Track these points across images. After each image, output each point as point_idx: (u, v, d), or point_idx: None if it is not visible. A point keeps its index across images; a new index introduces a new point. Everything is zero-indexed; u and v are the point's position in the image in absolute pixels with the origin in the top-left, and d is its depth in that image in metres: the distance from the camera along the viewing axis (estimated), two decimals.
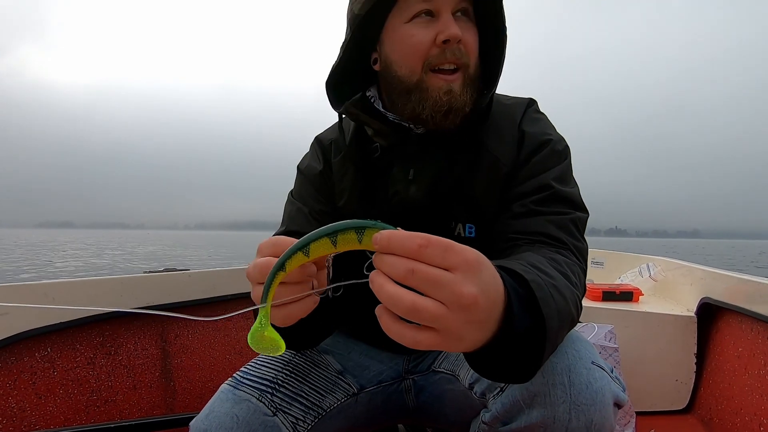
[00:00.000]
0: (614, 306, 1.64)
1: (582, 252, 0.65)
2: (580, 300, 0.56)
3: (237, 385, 0.69)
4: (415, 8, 0.67)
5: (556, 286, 0.48)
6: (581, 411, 0.52)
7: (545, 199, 0.67)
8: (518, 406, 0.55)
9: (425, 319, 0.36)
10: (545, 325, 0.43)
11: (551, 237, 0.64)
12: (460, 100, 0.68)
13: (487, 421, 0.60)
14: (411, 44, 0.67)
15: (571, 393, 0.53)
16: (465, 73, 0.68)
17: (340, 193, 0.80)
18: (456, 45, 0.66)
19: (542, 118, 0.76)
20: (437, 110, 0.68)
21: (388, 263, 0.37)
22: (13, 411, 1.02)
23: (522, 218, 0.67)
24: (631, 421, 1.35)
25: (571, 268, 0.58)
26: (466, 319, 0.37)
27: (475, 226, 0.73)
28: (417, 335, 0.37)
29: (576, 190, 0.70)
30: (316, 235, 0.41)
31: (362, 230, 0.39)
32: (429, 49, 0.67)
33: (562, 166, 0.70)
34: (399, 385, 0.82)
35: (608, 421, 0.54)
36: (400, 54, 0.69)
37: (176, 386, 1.36)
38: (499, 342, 0.41)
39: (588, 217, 0.69)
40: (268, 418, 0.67)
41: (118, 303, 1.23)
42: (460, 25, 0.67)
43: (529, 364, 0.45)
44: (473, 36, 0.69)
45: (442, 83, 0.67)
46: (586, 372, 0.54)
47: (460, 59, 0.67)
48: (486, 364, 0.45)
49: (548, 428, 0.53)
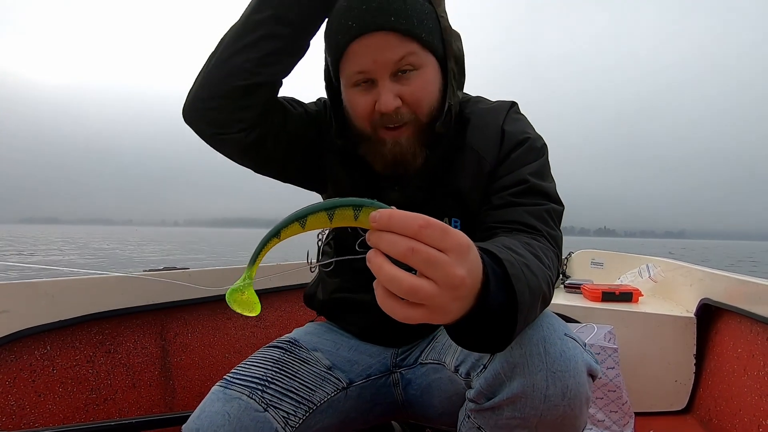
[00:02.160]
0: (614, 307, 1.64)
1: (556, 239, 0.69)
2: (552, 280, 0.59)
3: (227, 385, 0.71)
4: (354, 78, 0.70)
5: (528, 264, 0.51)
6: (557, 377, 0.56)
7: (522, 191, 0.71)
8: (500, 379, 0.59)
9: (420, 299, 0.38)
10: (517, 299, 0.46)
11: (527, 225, 0.68)
12: (409, 152, 0.71)
13: (472, 397, 0.63)
14: (355, 109, 0.72)
15: (546, 361, 0.56)
16: (415, 125, 0.71)
17: (330, 179, 0.83)
18: (395, 111, 0.69)
19: (522, 118, 0.81)
20: (386, 163, 0.72)
21: (387, 241, 0.38)
22: (13, 409, 1.02)
23: (500, 209, 0.71)
24: (630, 421, 1.35)
25: (544, 251, 0.61)
26: (453, 296, 0.39)
27: (461, 220, 0.77)
28: (408, 311, 0.39)
29: (552, 185, 0.74)
30: (314, 209, 0.42)
31: (359, 208, 0.40)
32: (371, 114, 0.70)
33: (539, 162, 0.74)
34: (387, 378, 0.84)
35: (583, 387, 0.57)
36: (351, 113, 0.74)
37: (175, 385, 1.36)
38: (476, 315, 0.44)
39: (563, 209, 0.73)
40: (259, 414, 0.68)
41: (118, 301, 1.23)
42: (402, 85, 0.69)
43: (504, 335, 0.48)
44: (420, 88, 0.70)
45: (389, 138, 0.71)
46: (560, 342, 0.58)
47: (403, 121, 0.70)
48: (465, 335, 0.48)
49: (528, 397, 0.56)
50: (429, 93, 0.71)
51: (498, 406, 0.59)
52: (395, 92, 0.68)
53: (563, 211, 0.73)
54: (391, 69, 0.68)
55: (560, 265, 0.68)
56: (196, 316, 1.42)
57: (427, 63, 0.70)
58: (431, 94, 0.72)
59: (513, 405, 0.57)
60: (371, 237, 0.39)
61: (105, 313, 1.19)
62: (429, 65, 0.71)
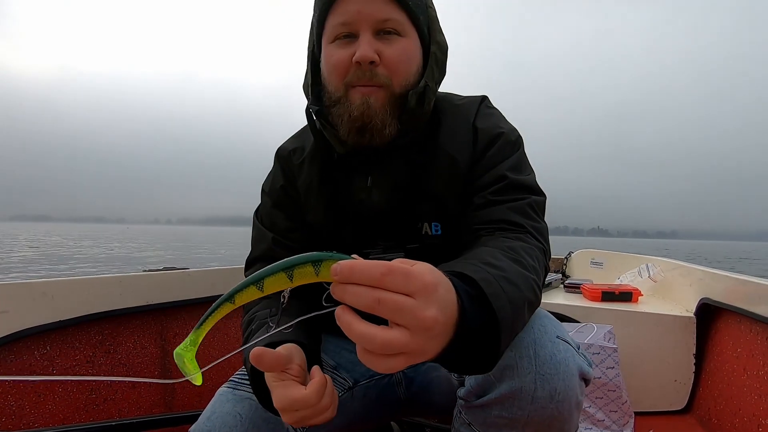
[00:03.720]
0: (613, 306, 1.64)
1: (541, 231, 0.68)
2: (538, 283, 0.59)
3: (236, 386, 0.70)
4: (336, 30, 0.69)
5: (506, 277, 0.51)
6: (546, 380, 0.56)
7: (502, 189, 0.70)
8: (490, 379, 0.59)
9: (396, 350, 0.37)
10: (497, 317, 0.45)
11: (510, 223, 0.67)
12: (378, 118, 0.68)
13: (462, 396, 0.63)
14: (331, 63, 0.70)
15: (536, 364, 0.56)
16: (387, 92, 0.69)
17: (306, 203, 0.80)
18: (369, 66, 0.67)
19: (494, 112, 0.78)
20: (352, 126, 0.69)
21: (352, 293, 0.37)
22: (12, 409, 1.02)
23: (482, 209, 0.70)
24: (629, 421, 1.35)
25: (528, 251, 0.61)
26: (428, 337, 0.39)
27: (441, 224, 0.75)
28: (388, 362, 0.38)
29: (531, 177, 0.73)
30: (271, 270, 0.41)
31: (319, 263, 0.40)
32: (347, 68, 0.68)
33: (515, 156, 0.73)
34: (390, 378, 0.84)
35: (573, 391, 0.57)
36: (326, 71, 0.72)
37: (175, 385, 1.36)
38: (457, 342, 0.43)
39: (545, 199, 0.72)
40: (270, 414, 0.67)
41: (117, 302, 1.22)
42: (383, 44, 0.68)
43: (489, 355, 0.47)
44: (400, 52, 0.69)
45: (359, 96, 0.68)
46: (551, 345, 0.58)
47: (375, 81, 0.68)
48: (450, 363, 0.47)
49: (516, 398, 0.56)
50: (407, 62, 0.70)
51: (487, 404, 0.59)
52: (375, 48, 0.67)
53: (545, 201, 0.72)
54: (373, 24, 0.67)
55: (548, 258, 0.68)
56: (196, 316, 1.42)
57: (410, 35, 0.70)
58: (409, 65, 0.70)
59: (501, 405, 0.58)
60: (335, 290, 0.38)
61: (105, 314, 1.19)
62: (412, 38, 0.70)
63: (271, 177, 0.85)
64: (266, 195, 0.84)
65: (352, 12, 0.67)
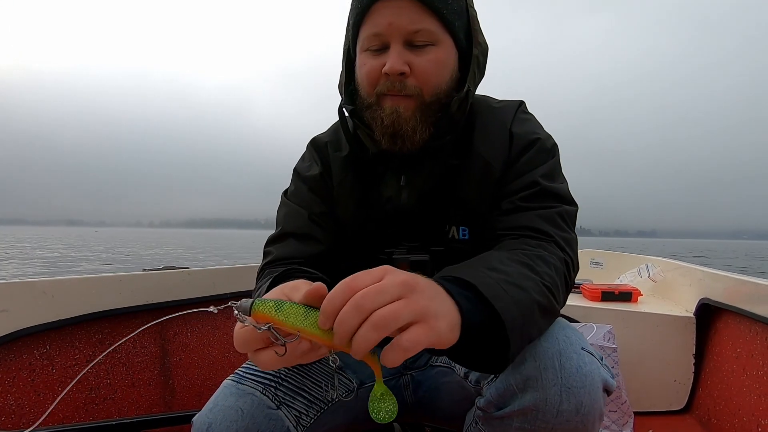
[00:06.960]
0: (613, 306, 1.64)
1: (569, 242, 0.67)
2: (552, 288, 0.57)
3: (240, 380, 0.70)
4: (369, 41, 0.69)
5: (510, 280, 0.51)
6: (572, 393, 0.54)
7: (533, 195, 0.69)
8: (511, 390, 0.57)
9: (403, 317, 0.40)
10: (501, 317, 0.46)
11: (536, 230, 0.66)
12: (408, 125, 0.69)
13: (481, 406, 0.62)
14: (363, 72, 0.71)
15: (561, 376, 0.55)
16: (417, 101, 0.69)
17: (338, 197, 0.81)
18: (399, 78, 0.67)
19: (530, 118, 0.78)
20: (384, 132, 0.70)
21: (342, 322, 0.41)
22: (12, 408, 1.02)
23: (510, 214, 0.69)
24: (629, 421, 1.35)
25: (545, 260, 0.60)
26: (424, 297, 0.42)
27: (468, 229, 0.75)
28: (409, 335, 0.41)
29: (564, 186, 0.72)
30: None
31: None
32: (378, 78, 0.69)
33: (549, 164, 0.72)
34: (397, 380, 0.84)
35: (597, 404, 0.56)
36: (359, 77, 0.73)
37: (175, 384, 1.36)
38: (466, 334, 0.45)
39: (577, 210, 0.71)
40: (272, 411, 0.68)
41: (117, 301, 1.23)
42: (414, 55, 0.68)
43: (502, 354, 0.48)
44: (431, 63, 0.69)
45: (389, 104, 0.69)
46: (576, 356, 0.56)
47: (405, 91, 0.68)
48: (463, 357, 0.49)
49: (540, 411, 0.55)
50: (439, 72, 0.69)
51: (507, 416, 0.58)
52: (405, 59, 0.67)
53: (577, 211, 0.71)
54: (404, 36, 0.67)
55: (574, 271, 0.66)
56: (196, 316, 1.42)
57: (444, 42, 0.69)
58: (441, 74, 0.70)
59: (524, 417, 0.56)
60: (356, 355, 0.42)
61: (104, 313, 1.19)
62: (446, 46, 0.70)
63: (308, 164, 0.85)
64: (301, 180, 0.84)
65: (383, 24, 0.67)
